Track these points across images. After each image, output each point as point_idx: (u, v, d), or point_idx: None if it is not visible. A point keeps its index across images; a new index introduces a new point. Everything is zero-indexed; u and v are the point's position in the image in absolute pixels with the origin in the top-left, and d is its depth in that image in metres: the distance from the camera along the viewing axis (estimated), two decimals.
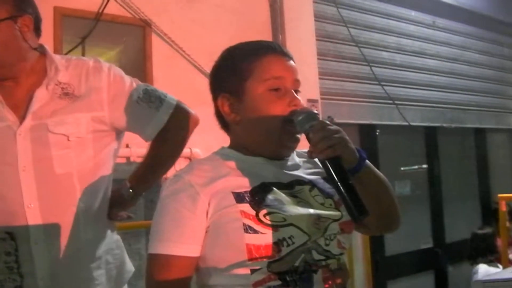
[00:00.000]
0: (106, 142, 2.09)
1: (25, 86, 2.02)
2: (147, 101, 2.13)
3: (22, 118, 1.98)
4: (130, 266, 2.24)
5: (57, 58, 2.09)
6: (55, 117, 1.99)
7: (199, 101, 2.18)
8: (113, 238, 2.18)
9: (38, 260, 1.96)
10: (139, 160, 2.26)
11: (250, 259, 1.44)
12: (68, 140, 1.98)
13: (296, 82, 1.63)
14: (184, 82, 4.10)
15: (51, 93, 2.01)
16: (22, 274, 1.96)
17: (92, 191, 2.06)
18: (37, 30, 2.07)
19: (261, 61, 1.60)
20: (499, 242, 5.45)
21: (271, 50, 1.63)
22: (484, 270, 5.50)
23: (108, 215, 2.17)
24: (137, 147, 3.31)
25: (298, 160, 1.70)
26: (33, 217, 1.95)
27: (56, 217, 1.98)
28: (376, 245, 5.78)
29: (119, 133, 2.16)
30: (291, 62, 1.65)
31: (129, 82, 2.13)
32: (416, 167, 7.25)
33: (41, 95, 2.00)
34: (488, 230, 6.05)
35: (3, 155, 1.96)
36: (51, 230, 1.97)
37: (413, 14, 6.94)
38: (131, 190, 2.18)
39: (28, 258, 1.96)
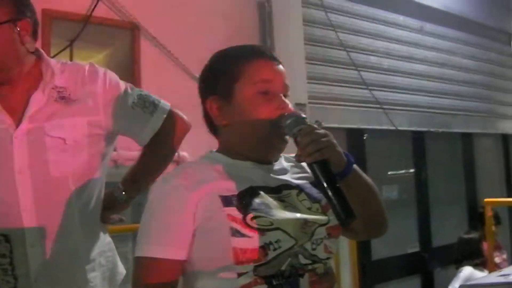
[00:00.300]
0: (100, 146, 2.09)
1: (21, 90, 2.02)
2: (141, 106, 2.15)
3: (18, 122, 1.98)
4: (122, 268, 2.25)
5: (52, 62, 2.10)
6: (52, 121, 2.00)
7: (187, 104, 2.19)
8: (105, 240, 2.20)
9: (33, 263, 1.96)
10: (127, 163, 2.28)
11: (236, 263, 1.45)
12: (65, 143, 1.99)
13: (285, 87, 1.65)
14: (172, 85, 4.09)
15: (47, 97, 2.02)
16: (17, 276, 1.97)
17: (86, 194, 2.07)
18: (35, 34, 2.07)
19: (251, 65, 1.62)
20: (485, 246, 5.49)
21: (261, 54, 1.65)
22: (468, 272, 5.54)
23: (101, 218, 2.18)
24: (124, 151, 3.32)
25: (285, 164, 1.70)
26: (29, 219, 1.96)
27: (51, 220, 1.99)
28: (363, 249, 5.79)
29: (112, 137, 2.17)
30: (280, 66, 1.66)
31: (124, 87, 2.15)
32: (403, 171, 7.28)
33: (37, 99, 2.01)
34: (474, 234, 6.10)
35: (0, 158, 1.96)
36: (46, 233, 1.98)
37: (401, 19, 6.97)
38: (124, 193, 2.20)
39: (23, 260, 1.96)
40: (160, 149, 2.20)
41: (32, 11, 2.07)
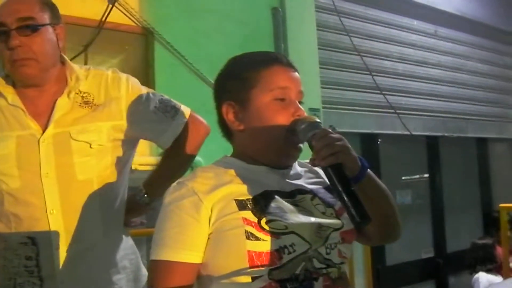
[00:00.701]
0: (123, 150, 2.13)
1: (47, 95, 2.07)
2: (163, 110, 2.18)
3: (44, 126, 2.02)
4: (145, 271, 2.28)
5: (76, 67, 2.15)
6: (77, 125, 2.04)
7: (200, 110, 2.24)
8: (128, 243, 2.22)
9: (58, 265, 1.99)
10: (140, 168, 2.31)
11: (251, 266, 1.45)
12: (90, 147, 2.03)
13: (300, 94, 1.65)
14: (186, 90, 4.11)
15: (72, 102, 2.06)
16: (43, 278, 2.00)
17: (110, 198, 2.12)
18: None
19: (268, 71, 1.62)
20: (499, 250, 5.46)
21: (278, 61, 1.66)
22: (485, 280, 5.51)
23: (124, 221, 2.21)
24: (138, 156, 3.33)
25: (300, 170, 1.71)
26: (55, 222, 1.99)
27: (77, 223, 2.02)
28: (377, 254, 5.78)
29: (135, 142, 2.22)
30: (296, 74, 1.67)
31: (146, 92, 2.19)
32: (417, 176, 7.26)
33: (62, 104, 2.05)
34: (487, 240, 6.07)
35: (27, 162, 2.00)
36: (72, 236, 2.01)
37: (415, 23, 6.96)
38: (146, 196, 2.22)
39: (49, 263, 1.99)
40: (181, 152, 2.22)
41: (62, 21, 2.14)
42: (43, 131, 2.01)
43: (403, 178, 7.06)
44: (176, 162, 2.25)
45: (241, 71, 1.66)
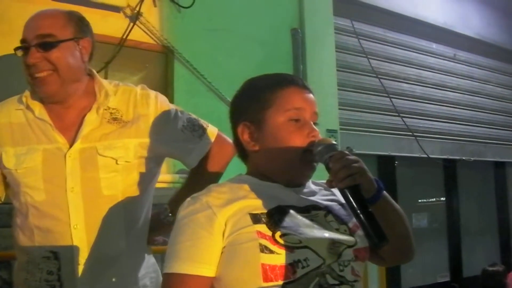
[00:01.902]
0: (149, 168, 2.12)
1: (75, 109, 2.07)
2: (191, 129, 2.18)
3: (71, 141, 2.03)
4: None
5: (105, 82, 2.15)
6: (104, 141, 2.04)
7: (219, 129, 2.23)
8: (150, 261, 2.21)
9: (80, 281, 1.98)
10: (158, 185, 2.31)
11: (265, 279, 1.45)
12: (117, 163, 2.03)
13: (315, 115, 1.67)
14: (204, 109, 4.13)
15: (101, 118, 2.06)
16: None
17: (134, 215, 2.11)
18: (91, 55, 2.15)
19: (283, 92, 1.64)
20: (510, 276, 5.45)
21: (293, 82, 1.68)
22: None
23: (147, 239, 2.20)
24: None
25: (314, 187, 1.72)
26: (79, 238, 1.98)
27: (100, 239, 2.01)
28: (392, 277, 5.75)
29: (161, 159, 2.21)
30: (311, 95, 1.69)
31: (174, 110, 2.18)
32: (434, 199, 7.23)
33: (91, 120, 2.05)
34: (498, 267, 6.02)
35: (52, 176, 2.00)
36: (95, 252, 2.00)
37: (434, 46, 6.97)
38: (171, 215, 2.20)
39: (70, 278, 1.98)
40: (207, 172, 2.22)
41: (91, 33, 2.16)
42: (70, 146, 2.01)
43: (419, 201, 7.03)
44: (201, 182, 2.18)
45: (256, 92, 1.68)
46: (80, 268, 1.98)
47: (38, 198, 2.00)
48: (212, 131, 2.23)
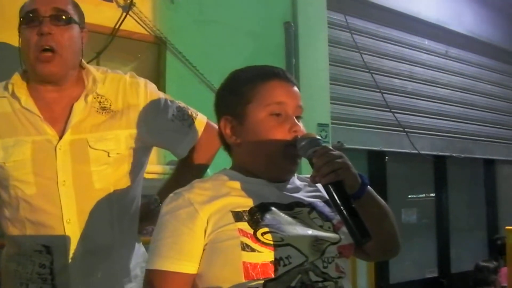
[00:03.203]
0: (139, 158, 2.11)
1: (64, 98, 2.03)
2: (180, 119, 2.16)
3: (61, 132, 1.98)
4: None
5: (93, 69, 2.12)
6: (95, 133, 2.01)
7: (210, 120, 2.22)
8: (140, 251, 2.20)
9: (73, 274, 1.97)
10: (147, 176, 2.29)
11: (246, 277, 1.45)
12: (108, 156, 2.00)
13: (298, 108, 1.65)
14: (196, 101, 4.09)
15: (90, 106, 2.03)
16: (56, 285, 1.97)
17: (125, 206, 2.09)
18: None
19: (264, 86, 1.62)
20: (503, 272, 5.47)
21: (275, 75, 1.65)
22: None
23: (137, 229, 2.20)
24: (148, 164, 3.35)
25: (298, 183, 1.71)
26: (72, 231, 1.96)
27: (93, 232, 1.99)
28: (381, 273, 5.77)
29: (150, 149, 2.20)
30: (295, 88, 1.67)
31: (164, 99, 2.16)
32: (423, 195, 7.26)
33: (79, 108, 2.01)
34: (490, 263, 6.05)
35: (43, 169, 1.96)
36: (88, 245, 1.98)
37: (426, 43, 6.99)
38: (160, 205, 2.19)
39: (63, 271, 1.97)
40: (196, 161, 2.21)
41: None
42: (60, 137, 1.97)
43: (409, 196, 7.05)
44: (191, 171, 2.21)
45: (238, 85, 1.66)
46: (73, 262, 1.96)
47: (28, 192, 1.96)
48: (202, 120, 2.21)
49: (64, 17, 1.97)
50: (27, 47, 1.97)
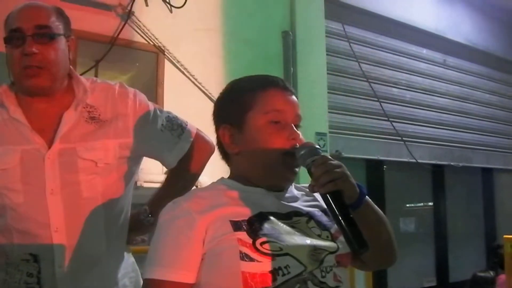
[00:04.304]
0: (128, 167, 2.10)
1: (53, 108, 2.03)
2: (170, 128, 2.16)
3: (50, 142, 1.98)
4: None
5: (83, 79, 2.12)
6: (83, 142, 2.00)
7: (208, 129, 2.22)
8: (129, 261, 2.19)
9: (60, 283, 1.96)
10: (146, 185, 2.29)
11: (245, 287, 1.45)
12: (96, 165, 2.00)
13: (297, 117, 1.66)
14: (194, 110, 4.11)
15: (79, 115, 2.03)
16: None
17: (114, 215, 2.09)
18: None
19: (263, 94, 1.64)
20: (501, 279, 5.46)
21: (274, 84, 1.67)
22: None
23: (126, 239, 2.19)
24: (144, 173, 3.36)
25: (296, 193, 1.71)
26: (59, 240, 1.95)
27: (81, 241, 1.98)
28: (379, 282, 5.76)
29: (139, 159, 2.19)
30: (293, 97, 1.68)
31: (153, 109, 2.16)
32: (422, 204, 7.26)
33: (69, 117, 2.01)
34: (488, 273, 6.04)
35: (32, 177, 1.96)
36: (76, 254, 1.97)
37: (424, 52, 7.00)
38: (150, 216, 2.19)
39: (50, 280, 1.96)
40: (186, 172, 2.22)
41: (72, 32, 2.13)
42: (49, 146, 1.97)
43: (407, 205, 7.05)
44: (181, 181, 2.23)
45: (237, 94, 1.68)
46: (61, 271, 1.95)
47: (16, 200, 1.95)
48: (191, 130, 2.22)
49: (47, 33, 1.98)
50: (13, 65, 1.98)
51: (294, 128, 1.63)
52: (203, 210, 1.53)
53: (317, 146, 1.58)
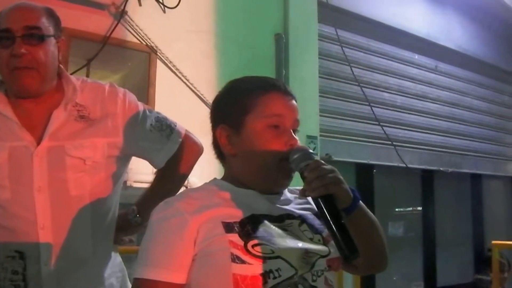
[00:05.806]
0: (117, 167, 2.10)
1: (43, 107, 2.03)
2: (159, 129, 2.17)
3: (39, 139, 1.98)
4: None
5: (73, 78, 2.12)
6: (72, 140, 2.00)
7: (198, 130, 2.22)
8: (116, 260, 2.19)
9: (46, 281, 1.95)
10: (135, 185, 2.29)
11: None
12: (85, 163, 2.00)
13: (296, 122, 1.65)
14: (185, 110, 4.12)
15: (68, 114, 2.03)
16: None
17: (101, 214, 2.08)
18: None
19: (264, 98, 1.62)
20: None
21: (275, 87, 1.65)
22: None
23: (113, 239, 2.18)
24: (134, 173, 3.35)
25: (289, 195, 1.71)
26: (45, 238, 1.95)
27: (67, 239, 1.98)
28: (367, 285, 5.76)
29: (128, 158, 2.19)
30: (293, 101, 1.67)
31: (143, 109, 2.17)
32: (411, 209, 7.27)
33: (58, 115, 2.01)
34: (486, 276, 6.04)
35: (19, 174, 1.96)
36: (62, 252, 1.97)
37: (416, 57, 7.03)
38: (138, 216, 2.20)
39: (36, 278, 1.95)
40: (174, 172, 2.22)
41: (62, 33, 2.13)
42: (38, 144, 1.97)
43: (396, 209, 7.06)
44: (169, 182, 2.23)
45: (237, 95, 1.66)
46: (46, 268, 1.95)
47: (3, 196, 1.95)
48: (180, 130, 2.22)
49: (37, 34, 1.98)
50: (1, 65, 1.98)
51: (292, 133, 1.63)
52: (195, 211, 1.52)
53: (311, 151, 1.58)
